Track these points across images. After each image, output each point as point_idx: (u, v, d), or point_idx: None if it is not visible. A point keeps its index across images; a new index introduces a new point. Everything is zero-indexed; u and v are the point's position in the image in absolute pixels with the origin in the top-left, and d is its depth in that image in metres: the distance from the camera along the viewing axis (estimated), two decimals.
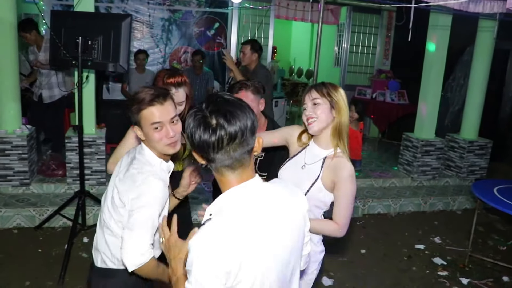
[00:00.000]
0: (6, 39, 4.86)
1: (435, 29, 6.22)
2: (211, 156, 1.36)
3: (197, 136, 1.34)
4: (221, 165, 1.38)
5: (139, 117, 1.96)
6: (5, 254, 4.23)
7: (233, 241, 1.31)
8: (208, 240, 1.30)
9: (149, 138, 1.99)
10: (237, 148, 1.35)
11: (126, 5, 7.92)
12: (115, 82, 7.77)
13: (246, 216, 1.37)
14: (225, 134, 1.32)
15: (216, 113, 1.33)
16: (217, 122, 1.32)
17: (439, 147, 6.54)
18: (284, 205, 1.47)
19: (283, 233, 1.44)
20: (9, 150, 4.98)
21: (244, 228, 1.34)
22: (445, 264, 4.65)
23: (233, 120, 1.33)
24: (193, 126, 1.36)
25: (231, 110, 1.34)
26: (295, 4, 8.74)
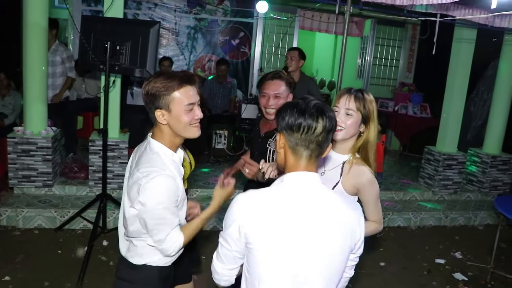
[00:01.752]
0: (37, 42, 4.96)
1: (459, 42, 6.17)
2: (297, 136, 1.59)
3: (300, 119, 1.58)
4: (305, 148, 1.61)
5: (171, 98, 1.94)
6: (26, 254, 4.28)
7: (267, 213, 1.56)
8: (248, 200, 1.61)
9: (177, 121, 1.97)
10: (324, 140, 1.61)
11: (153, 12, 8.04)
12: (139, 87, 7.86)
13: (292, 200, 1.58)
14: (324, 124, 1.58)
15: (317, 108, 1.60)
16: (318, 114, 1.58)
17: (461, 161, 6.46)
18: (331, 211, 1.61)
19: (316, 235, 1.57)
20: (34, 151, 5.06)
21: (283, 210, 1.57)
22: (466, 280, 4.57)
23: (329, 118, 1.60)
24: (296, 112, 1.59)
25: (327, 110, 1.62)
26: (319, 16, 8.76)
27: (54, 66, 5.84)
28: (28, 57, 4.99)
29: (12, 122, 6.24)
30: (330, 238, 1.58)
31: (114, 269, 4.07)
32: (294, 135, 1.60)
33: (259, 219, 1.56)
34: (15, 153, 5.02)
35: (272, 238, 1.55)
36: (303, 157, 1.62)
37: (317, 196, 1.61)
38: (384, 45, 9.35)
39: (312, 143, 1.59)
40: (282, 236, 1.55)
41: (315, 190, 1.61)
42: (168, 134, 2.01)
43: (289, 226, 1.55)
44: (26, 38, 4.96)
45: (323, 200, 1.61)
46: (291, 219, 1.56)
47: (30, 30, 4.93)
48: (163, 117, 1.95)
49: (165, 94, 1.92)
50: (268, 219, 1.56)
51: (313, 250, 1.56)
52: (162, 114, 1.95)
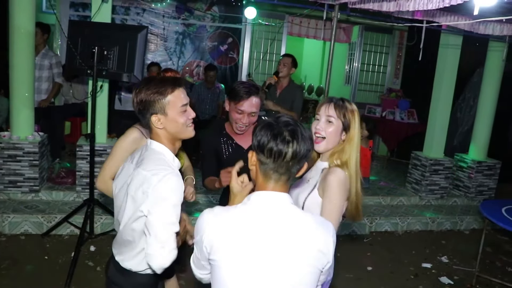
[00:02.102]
0: (23, 46, 4.94)
1: (445, 49, 6.25)
2: (267, 161, 1.59)
3: (271, 144, 1.57)
4: (274, 171, 1.60)
5: (166, 102, 1.96)
6: (12, 260, 4.24)
7: (231, 232, 1.55)
8: (213, 215, 1.61)
9: (174, 124, 2.00)
10: (295, 164, 1.60)
11: (141, 18, 8.04)
12: (127, 93, 7.85)
13: (258, 219, 1.57)
14: (296, 150, 1.57)
15: (291, 132, 1.58)
16: (291, 138, 1.57)
17: (448, 167, 6.53)
18: (299, 232, 1.57)
19: (282, 256, 1.54)
20: (20, 156, 5.03)
21: (247, 230, 1.56)
22: (452, 283, 4.61)
23: (303, 142, 1.59)
24: (269, 134, 1.58)
25: (303, 134, 1.60)
26: (307, 22, 8.82)
27: (41, 70, 5.82)
28: (15, 62, 4.97)
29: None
30: (297, 259, 1.55)
31: (102, 275, 4.08)
32: (265, 158, 1.59)
33: (223, 237, 1.56)
34: (1, 158, 4.98)
35: (235, 257, 1.54)
36: (272, 180, 1.61)
37: (285, 216, 1.58)
38: (371, 51, 9.42)
39: (282, 167, 1.59)
40: (245, 256, 1.54)
41: (282, 210, 1.59)
42: (165, 138, 2.03)
43: (253, 246, 1.54)
44: (13, 43, 4.93)
45: (291, 221, 1.58)
46: (256, 239, 1.54)
47: (17, 34, 4.91)
48: (159, 121, 1.98)
49: (160, 99, 1.95)
50: (232, 238, 1.55)
51: (277, 271, 1.54)
52: (158, 119, 1.97)
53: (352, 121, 2.20)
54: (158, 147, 2.01)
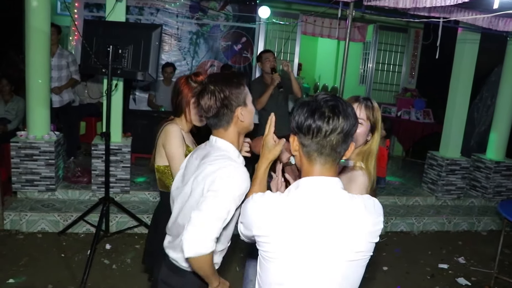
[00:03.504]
0: (40, 47, 4.99)
1: (463, 47, 6.17)
2: (308, 141, 1.49)
3: (309, 121, 1.47)
4: (318, 153, 1.50)
5: (246, 92, 1.97)
6: (30, 257, 4.29)
7: (284, 220, 1.47)
8: (268, 201, 1.52)
9: (250, 114, 2.00)
10: (339, 143, 1.48)
11: (155, 18, 8.06)
12: (142, 93, 7.88)
13: (309, 206, 1.48)
14: (336, 125, 1.45)
15: (331, 107, 1.46)
16: (332, 114, 1.45)
17: (465, 167, 6.45)
18: (350, 217, 1.49)
19: (335, 242, 1.47)
20: (37, 156, 5.07)
21: (301, 215, 1.47)
22: (470, 285, 4.55)
23: (345, 118, 1.46)
24: (307, 111, 1.48)
25: (344, 108, 1.48)
26: (321, 21, 8.78)
27: (60, 70, 5.93)
28: (31, 63, 5.01)
29: (15, 128, 6.25)
30: (349, 245, 1.48)
31: (117, 272, 4.10)
32: (305, 138, 1.50)
33: (276, 227, 1.48)
34: (18, 158, 5.03)
35: (288, 246, 1.47)
36: (317, 162, 1.51)
37: (336, 203, 1.49)
38: (386, 50, 9.35)
39: (325, 147, 1.48)
40: (299, 244, 1.46)
41: (333, 196, 1.50)
42: (236, 134, 2.00)
43: (306, 234, 1.46)
44: (29, 44, 4.98)
45: (342, 207, 1.49)
46: (308, 227, 1.46)
47: (33, 36, 4.95)
48: (242, 114, 1.96)
49: (242, 91, 1.96)
50: (284, 227, 1.47)
51: (331, 258, 1.47)
52: (241, 111, 1.96)
53: (378, 121, 2.19)
54: (224, 145, 1.98)
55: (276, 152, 1.84)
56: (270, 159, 1.87)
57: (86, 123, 7.69)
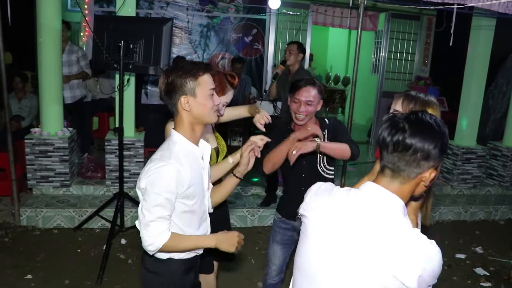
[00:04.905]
0: (51, 44, 5.00)
1: (477, 33, 6.06)
2: (382, 152, 1.44)
3: (383, 133, 1.41)
4: (384, 165, 1.44)
5: (196, 84, 1.98)
6: (46, 253, 4.33)
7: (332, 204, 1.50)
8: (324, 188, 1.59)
9: (201, 107, 2.01)
10: (401, 160, 1.38)
11: (165, 12, 8.05)
12: (153, 87, 7.89)
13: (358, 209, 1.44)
14: (398, 140, 1.37)
15: (409, 120, 1.38)
16: (403, 126, 1.37)
17: (481, 155, 6.36)
18: (388, 244, 1.37)
19: (361, 256, 1.39)
20: (51, 152, 5.10)
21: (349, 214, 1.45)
22: (488, 275, 4.49)
23: (417, 135, 1.35)
24: (387, 124, 1.42)
25: (425, 125, 1.37)
26: (332, 11, 8.69)
27: (71, 65, 5.94)
28: (43, 60, 5.03)
29: (29, 125, 6.29)
30: (373, 268, 1.36)
31: (133, 267, 4.12)
32: (384, 153, 1.44)
33: (322, 215, 1.51)
34: (33, 154, 5.06)
35: (323, 236, 1.49)
36: (385, 175, 1.45)
37: (384, 222, 1.39)
38: (399, 38, 9.23)
39: (389, 163, 1.42)
40: (331, 239, 1.46)
41: (387, 214, 1.40)
42: (188, 122, 2.04)
43: (342, 233, 1.43)
44: (41, 41, 4.99)
45: (387, 230, 1.38)
46: (348, 228, 1.42)
47: (44, 32, 4.97)
48: (187, 103, 1.99)
49: (191, 80, 1.97)
50: (328, 219, 1.48)
51: (353, 270, 1.40)
52: (186, 100, 1.98)
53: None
54: (175, 137, 2.04)
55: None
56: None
57: (98, 119, 7.72)
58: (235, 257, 3.10)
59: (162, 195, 1.90)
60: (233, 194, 5.45)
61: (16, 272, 3.96)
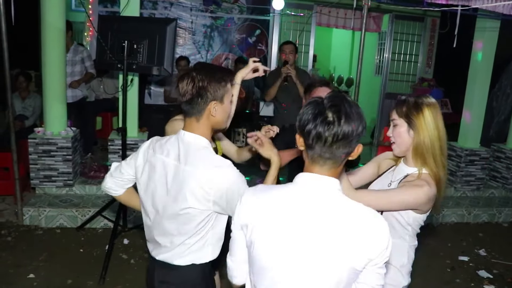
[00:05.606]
0: (55, 43, 5.01)
1: (482, 35, 6.05)
2: (313, 145, 1.44)
3: (310, 125, 1.42)
4: (318, 155, 1.45)
5: (226, 89, 1.96)
6: (49, 252, 4.33)
7: (272, 211, 1.47)
8: (254, 192, 1.57)
9: (224, 113, 2.00)
10: (340, 147, 1.43)
11: (169, 12, 8.06)
12: (157, 87, 7.89)
13: (300, 200, 1.46)
14: (337, 132, 1.40)
15: (335, 111, 1.41)
16: (333, 119, 1.40)
17: (484, 157, 6.34)
18: (340, 221, 1.42)
19: (319, 241, 1.41)
20: (54, 152, 5.11)
21: (290, 208, 1.45)
22: (491, 277, 4.48)
23: (348, 122, 1.40)
24: (310, 114, 1.43)
25: (348, 111, 1.41)
26: (336, 12, 8.68)
27: (74, 65, 5.95)
28: (47, 59, 5.04)
29: (33, 124, 6.30)
30: (333, 251, 1.39)
31: (135, 267, 4.12)
32: (306, 140, 1.46)
33: (261, 217, 1.49)
34: (36, 154, 5.07)
35: (271, 237, 1.46)
36: (317, 164, 1.48)
37: (329, 203, 1.44)
38: (402, 40, 9.22)
39: (325, 152, 1.44)
40: (281, 237, 1.44)
41: (327, 195, 1.45)
42: (209, 127, 1.99)
43: (291, 228, 1.43)
44: (45, 40, 5.00)
45: (335, 208, 1.43)
46: (296, 222, 1.43)
47: (48, 32, 4.98)
48: (215, 109, 1.95)
49: (224, 86, 1.95)
50: (270, 218, 1.47)
51: (313, 258, 1.41)
52: (215, 106, 1.94)
53: (417, 116, 2.05)
54: (197, 139, 1.95)
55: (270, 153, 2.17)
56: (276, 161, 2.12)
57: (102, 119, 7.74)
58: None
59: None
60: None
61: (18, 271, 3.97)
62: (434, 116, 2.06)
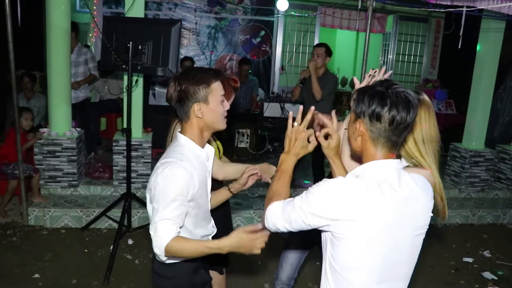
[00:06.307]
0: (60, 44, 5.03)
1: (486, 36, 6.03)
2: (383, 129, 1.57)
3: (392, 112, 1.53)
4: (385, 137, 1.59)
5: (209, 90, 1.99)
6: (54, 252, 4.34)
7: (357, 200, 1.53)
8: (338, 188, 1.56)
9: (213, 113, 2.02)
10: (402, 132, 1.59)
11: (173, 13, 8.08)
12: (161, 88, 7.91)
13: (377, 187, 1.55)
14: (412, 119, 1.56)
15: (408, 101, 1.55)
16: (411, 107, 1.55)
17: (489, 158, 6.33)
18: (412, 198, 1.61)
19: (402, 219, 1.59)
20: (59, 152, 5.13)
21: (369, 196, 1.54)
22: (496, 279, 4.46)
23: (411, 110, 1.55)
24: (384, 103, 1.54)
25: (415, 102, 1.57)
26: (340, 13, 8.68)
27: (77, 66, 5.94)
28: (52, 60, 5.06)
29: (38, 124, 6.32)
30: (416, 221, 1.63)
31: (140, 267, 4.14)
32: (379, 126, 1.57)
33: (350, 209, 1.54)
34: (41, 154, 5.09)
35: (361, 226, 1.54)
36: (381, 148, 1.61)
37: (400, 182, 1.59)
38: (407, 41, 9.22)
39: (395, 135, 1.58)
40: (371, 224, 1.54)
41: (397, 177, 1.59)
42: (198, 128, 2.05)
43: (379, 215, 1.54)
44: (50, 41, 5.02)
45: (406, 185, 1.60)
46: (380, 208, 1.54)
47: (53, 33, 5.00)
48: (200, 110, 2.00)
49: (204, 87, 1.98)
50: (357, 208, 1.53)
51: (402, 234, 1.60)
52: (199, 107, 1.99)
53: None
54: (183, 141, 2.05)
55: (308, 151, 1.87)
56: (300, 156, 1.89)
57: (106, 119, 7.75)
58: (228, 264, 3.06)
59: (173, 197, 1.88)
60: (240, 196, 5.45)
61: (23, 271, 3.98)
62: (426, 113, 2.08)
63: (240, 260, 3.63)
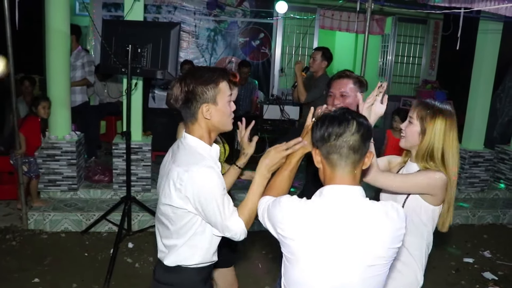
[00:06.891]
0: (59, 48, 5.04)
1: (485, 37, 6.04)
2: (327, 146, 1.58)
3: (322, 130, 1.59)
4: (335, 153, 1.58)
5: (218, 90, 1.94)
6: (54, 256, 4.34)
7: (308, 224, 1.54)
8: (294, 205, 1.59)
9: (221, 114, 1.97)
10: (355, 145, 1.57)
11: (173, 16, 8.08)
12: (161, 91, 7.91)
13: (331, 213, 1.55)
14: (346, 128, 1.56)
15: (342, 114, 1.61)
16: (342, 119, 1.58)
17: (488, 159, 6.33)
18: (370, 224, 1.55)
19: (352, 245, 1.53)
20: (59, 156, 5.13)
21: (323, 223, 1.54)
22: (496, 279, 4.46)
23: (357, 121, 1.59)
24: (327, 122, 1.60)
25: (354, 115, 1.62)
26: (339, 15, 8.69)
27: (74, 70, 5.87)
28: (51, 63, 5.06)
29: None
30: (369, 250, 1.54)
31: (140, 271, 4.12)
32: (326, 144, 1.59)
33: (301, 229, 1.55)
34: (41, 158, 5.09)
35: (310, 250, 1.54)
36: (338, 168, 1.60)
37: (356, 209, 1.56)
38: (406, 42, 9.23)
39: (343, 147, 1.56)
40: (320, 249, 1.53)
41: (354, 203, 1.57)
42: (206, 129, 1.99)
43: (327, 239, 1.53)
44: (49, 45, 5.02)
45: (362, 213, 1.56)
46: (330, 232, 1.53)
47: (52, 37, 5.00)
48: (208, 111, 1.94)
49: (213, 87, 1.92)
50: (307, 231, 1.54)
51: (351, 262, 1.54)
52: (208, 108, 1.93)
53: (431, 125, 2.17)
54: (193, 142, 1.97)
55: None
56: (306, 151, 1.93)
57: (106, 122, 7.75)
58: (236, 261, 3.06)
59: (220, 194, 1.87)
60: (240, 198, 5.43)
61: (23, 276, 3.97)
62: (447, 127, 2.17)
63: (240, 263, 3.63)
